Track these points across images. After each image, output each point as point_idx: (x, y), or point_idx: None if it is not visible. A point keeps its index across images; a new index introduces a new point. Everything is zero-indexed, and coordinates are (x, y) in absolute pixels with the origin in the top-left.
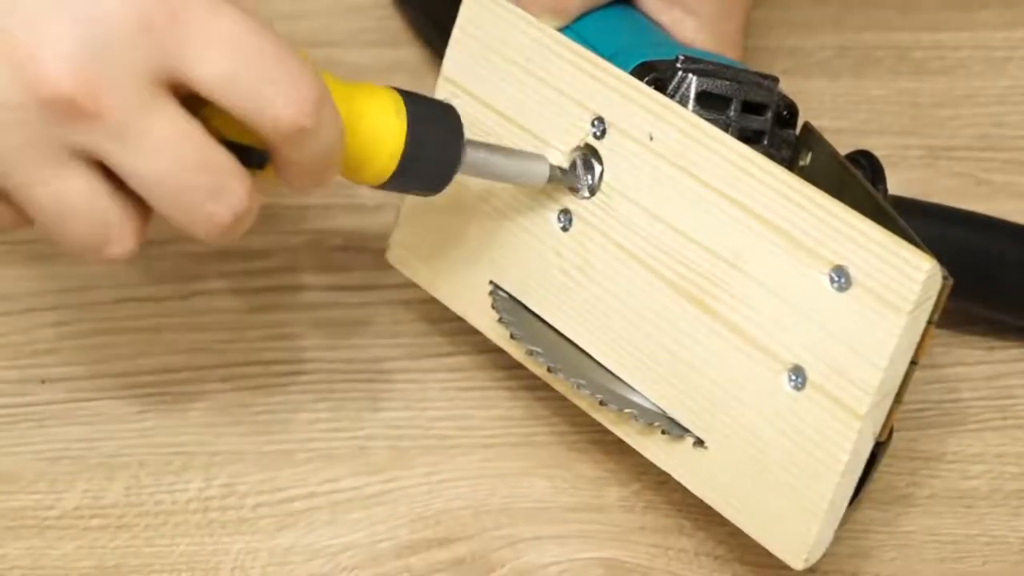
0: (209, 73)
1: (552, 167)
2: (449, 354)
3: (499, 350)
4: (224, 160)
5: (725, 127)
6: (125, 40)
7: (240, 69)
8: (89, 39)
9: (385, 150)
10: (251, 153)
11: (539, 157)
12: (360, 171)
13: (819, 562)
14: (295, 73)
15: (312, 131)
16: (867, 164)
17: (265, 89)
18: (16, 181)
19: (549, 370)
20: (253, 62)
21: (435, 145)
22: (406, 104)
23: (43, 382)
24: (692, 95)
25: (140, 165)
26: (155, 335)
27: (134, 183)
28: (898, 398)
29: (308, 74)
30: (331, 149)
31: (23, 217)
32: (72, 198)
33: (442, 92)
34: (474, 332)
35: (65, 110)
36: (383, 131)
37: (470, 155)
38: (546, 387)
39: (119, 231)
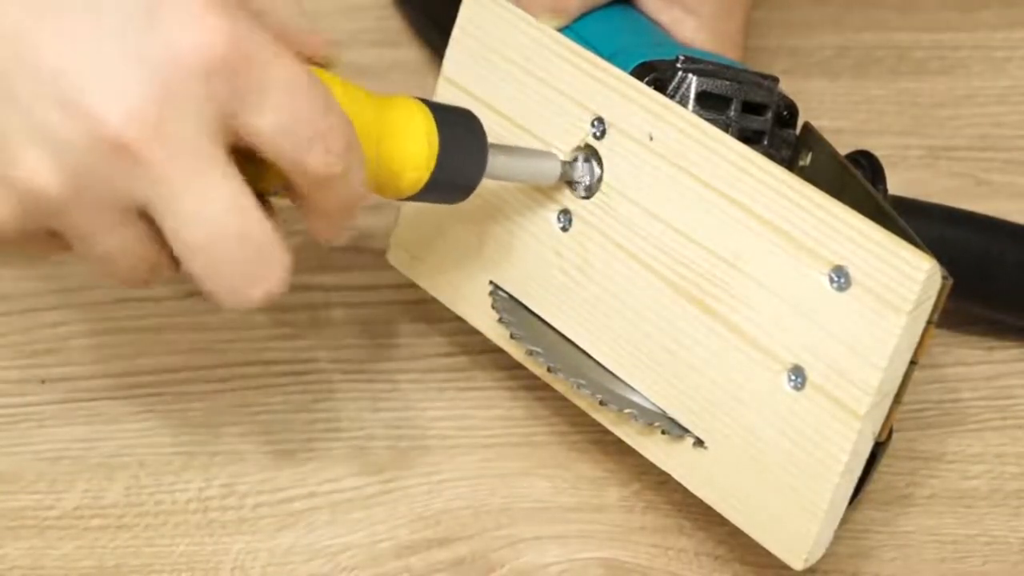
0: (268, 122)
1: (564, 164)
2: (449, 354)
3: (499, 350)
4: (269, 238)
5: (725, 127)
6: (193, 85)
7: (295, 119)
8: (156, 82)
9: (418, 164)
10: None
11: (550, 155)
12: (393, 186)
13: (819, 562)
14: (335, 122)
15: (341, 177)
16: (867, 164)
17: (310, 139)
18: (68, 221)
19: (549, 370)
20: (305, 112)
21: (463, 154)
22: (435, 115)
23: (43, 382)
24: (692, 95)
25: (184, 228)
26: (155, 335)
27: (173, 242)
28: (898, 398)
29: (343, 122)
30: (356, 193)
31: (64, 246)
32: (120, 244)
33: (442, 92)
34: (474, 332)
35: (123, 156)
36: (416, 145)
37: (492, 160)
38: (546, 387)
39: (160, 272)
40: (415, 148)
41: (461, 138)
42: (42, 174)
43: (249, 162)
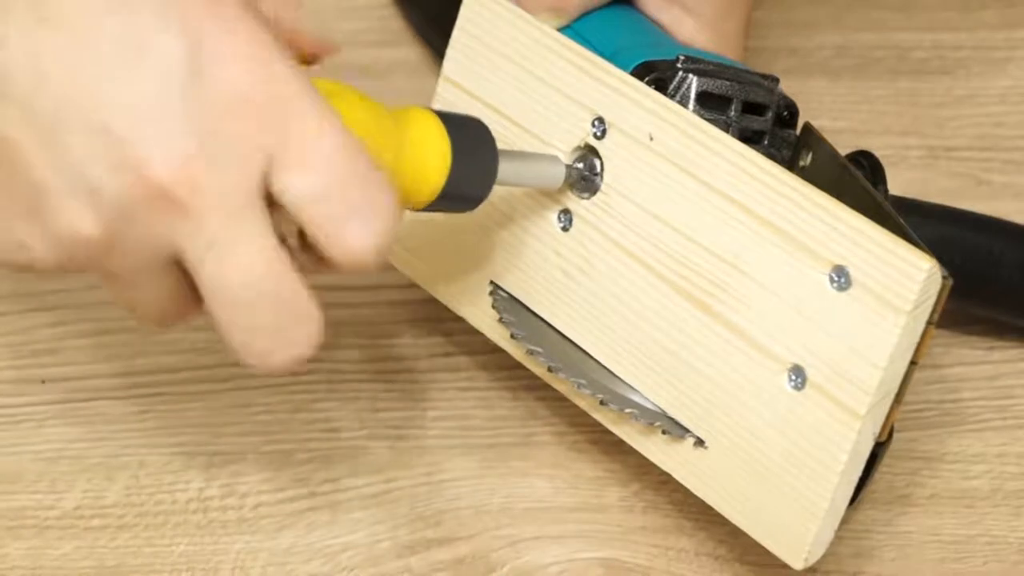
0: (302, 187)
1: (568, 168)
2: (449, 354)
3: (499, 350)
4: (303, 301)
5: (725, 127)
6: (238, 137)
7: (331, 190)
8: (200, 134)
9: (432, 178)
10: None
11: (554, 159)
12: (405, 199)
13: (820, 562)
14: (376, 202)
15: (376, 256)
16: (867, 164)
17: (346, 215)
18: (104, 264)
19: (549, 370)
20: (343, 185)
21: (475, 166)
22: (448, 128)
23: (43, 382)
24: (693, 95)
25: (216, 282)
26: (156, 335)
27: (206, 294)
28: (898, 398)
29: (388, 203)
30: (381, 260)
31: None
32: (152, 290)
33: (442, 92)
34: (474, 332)
35: (166, 207)
36: (430, 160)
37: (501, 168)
38: (546, 387)
39: (187, 318)
40: (429, 162)
41: (473, 150)
42: (84, 224)
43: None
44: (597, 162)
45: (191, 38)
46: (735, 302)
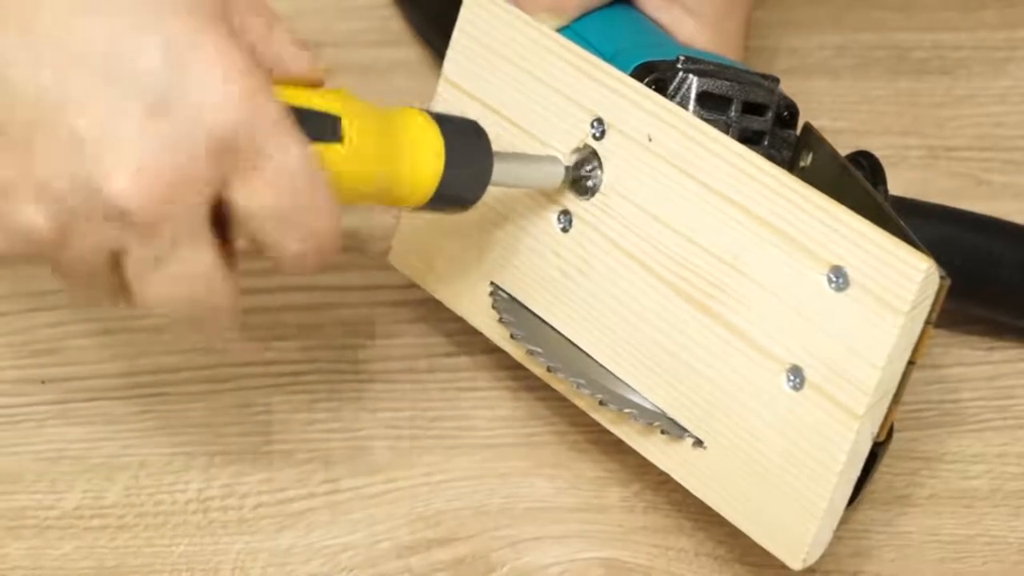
0: (256, 205)
1: (567, 169)
2: (449, 354)
3: (500, 351)
4: (229, 300)
5: (726, 127)
6: (204, 162)
7: (283, 208)
8: (170, 158)
9: (426, 179)
10: None
11: (553, 159)
12: (400, 197)
13: (820, 562)
14: (322, 217)
15: (312, 265)
16: (867, 164)
17: (292, 234)
18: (50, 256)
19: (549, 370)
20: (295, 203)
21: (469, 168)
22: (442, 130)
23: (43, 382)
24: (693, 95)
25: (155, 283)
26: (155, 335)
27: (138, 289)
28: (896, 398)
29: (331, 216)
30: (323, 265)
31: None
32: (88, 277)
33: (443, 93)
34: (474, 332)
35: (122, 221)
36: (424, 161)
37: (496, 169)
38: (546, 387)
39: (117, 303)
40: (424, 164)
41: (467, 152)
42: (39, 225)
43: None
44: (596, 163)
45: (168, 52)
46: (734, 303)
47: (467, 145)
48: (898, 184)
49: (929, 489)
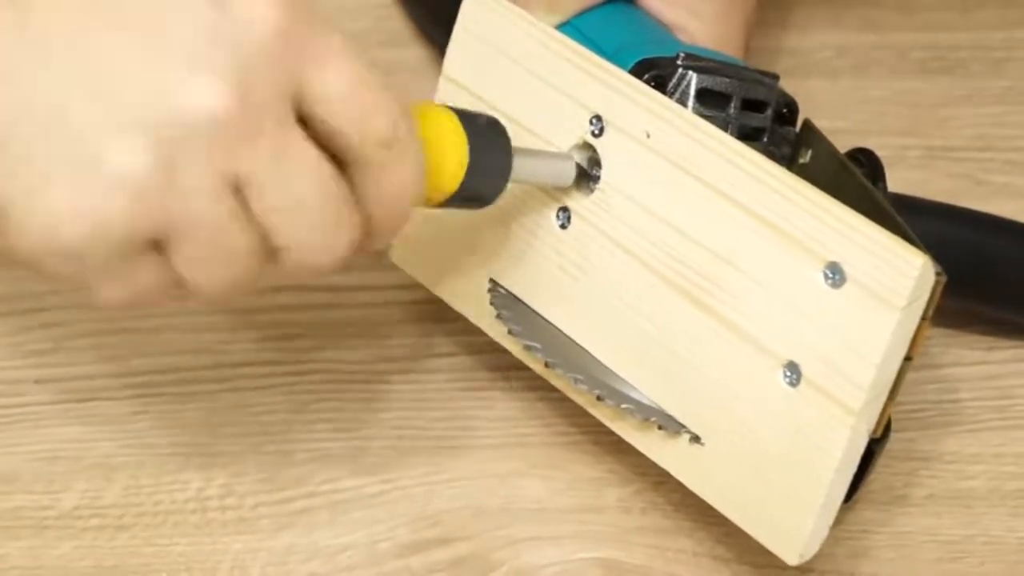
0: (330, 90)
1: (578, 166)
2: (449, 354)
3: (499, 351)
4: (346, 190)
5: (725, 124)
6: (267, 55)
7: (353, 86)
8: (235, 56)
9: (449, 176)
10: None
11: (565, 156)
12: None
13: (817, 562)
14: (385, 90)
15: (403, 145)
16: (866, 161)
17: (374, 103)
18: (167, 209)
19: (547, 365)
20: (361, 80)
21: (490, 164)
22: (464, 126)
23: (36, 382)
24: (692, 92)
25: (283, 191)
26: (154, 335)
27: (272, 211)
28: (892, 394)
29: (388, 92)
30: (413, 180)
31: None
32: (217, 226)
33: (443, 91)
34: (474, 332)
35: (224, 134)
36: (447, 158)
37: (516, 164)
38: (546, 388)
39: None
40: (446, 161)
41: (489, 148)
42: (134, 158)
43: None
44: (595, 160)
45: None
46: (731, 299)
47: (488, 140)
48: (897, 184)
49: (927, 489)
